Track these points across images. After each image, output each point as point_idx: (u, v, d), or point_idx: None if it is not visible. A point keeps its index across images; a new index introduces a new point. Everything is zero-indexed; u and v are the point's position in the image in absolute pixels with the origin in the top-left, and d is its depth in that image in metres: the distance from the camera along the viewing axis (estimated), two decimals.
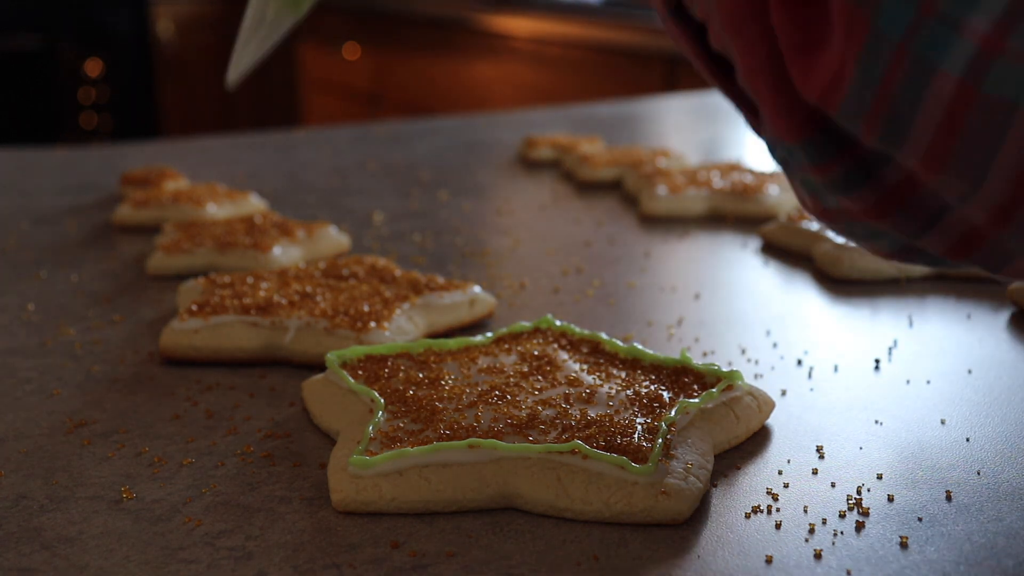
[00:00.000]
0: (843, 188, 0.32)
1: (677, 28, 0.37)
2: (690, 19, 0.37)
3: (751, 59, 0.33)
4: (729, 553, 0.38)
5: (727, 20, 0.33)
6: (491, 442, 0.42)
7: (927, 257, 0.34)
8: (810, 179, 0.33)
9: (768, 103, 0.33)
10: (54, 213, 0.89)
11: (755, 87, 0.33)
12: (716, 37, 0.35)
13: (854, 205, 0.32)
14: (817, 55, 0.30)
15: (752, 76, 0.33)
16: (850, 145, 0.31)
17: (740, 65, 0.33)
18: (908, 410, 0.49)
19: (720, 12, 0.33)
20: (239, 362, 0.56)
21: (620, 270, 0.72)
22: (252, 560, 0.38)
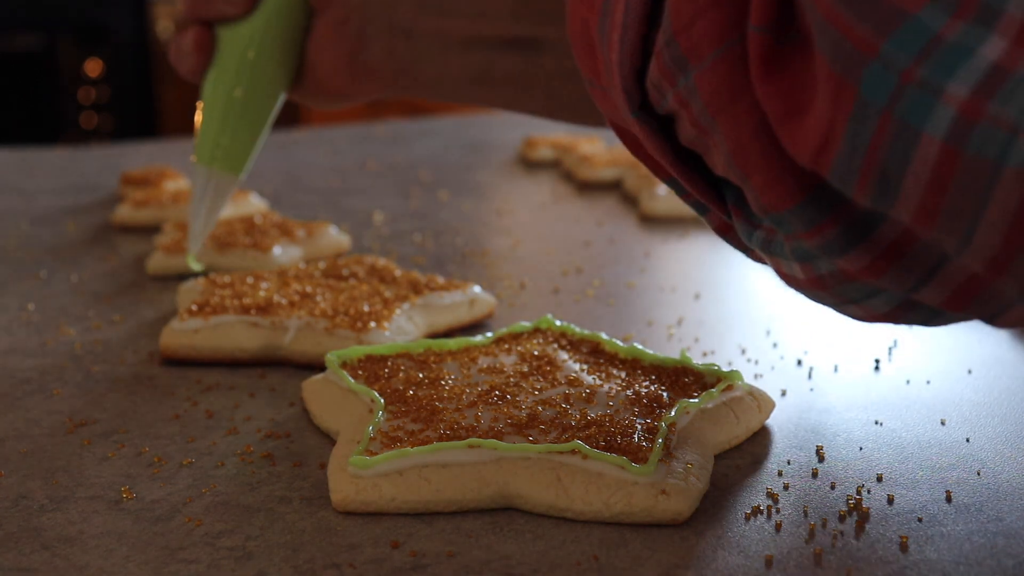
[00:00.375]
0: (839, 249, 0.32)
1: (643, 128, 0.37)
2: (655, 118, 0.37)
3: (740, 134, 0.33)
4: (729, 553, 0.38)
5: (710, 100, 0.33)
6: (491, 442, 0.42)
7: (924, 312, 0.34)
8: (803, 246, 0.34)
9: (759, 174, 0.33)
10: (54, 213, 0.89)
11: (743, 162, 0.33)
12: (693, 124, 0.35)
13: (851, 265, 0.33)
14: (803, 120, 0.31)
15: (741, 151, 0.33)
16: (843, 205, 0.32)
17: (727, 143, 0.34)
18: (908, 410, 0.49)
19: (702, 94, 0.34)
20: (239, 362, 0.56)
21: (620, 270, 0.72)
22: (252, 560, 0.38)
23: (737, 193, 0.37)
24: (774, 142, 0.32)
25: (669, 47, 0.34)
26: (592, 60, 0.39)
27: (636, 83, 0.37)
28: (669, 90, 0.35)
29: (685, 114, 0.35)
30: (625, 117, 0.38)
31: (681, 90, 0.35)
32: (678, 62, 0.34)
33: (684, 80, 0.34)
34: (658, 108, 0.37)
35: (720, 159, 0.35)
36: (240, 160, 0.59)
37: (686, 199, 0.41)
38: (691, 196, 0.40)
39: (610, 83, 0.38)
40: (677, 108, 0.35)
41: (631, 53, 0.36)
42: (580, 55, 0.39)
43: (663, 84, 0.35)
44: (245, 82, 0.57)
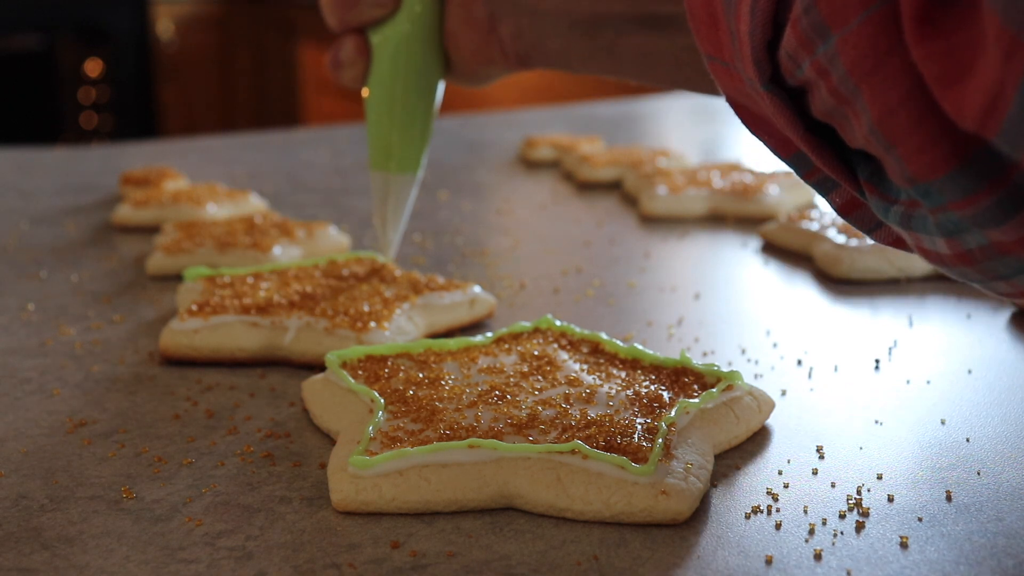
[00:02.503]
0: (994, 219, 0.31)
1: (774, 101, 0.36)
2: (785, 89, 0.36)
3: (887, 99, 0.32)
4: (729, 553, 0.38)
5: (854, 66, 0.32)
6: (491, 442, 0.42)
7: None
8: (952, 217, 0.32)
9: (907, 141, 0.32)
10: (54, 213, 0.89)
11: (890, 129, 0.32)
12: (832, 93, 0.34)
13: (1006, 236, 0.31)
14: (968, 81, 0.29)
15: (888, 117, 0.32)
16: (1001, 173, 0.30)
17: (872, 110, 0.32)
18: (908, 410, 0.49)
19: (844, 60, 0.32)
20: (239, 362, 0.56)
21: (620, 270, 0.72)
22: (252, 560, 0.38)
23: (872, 167, 0.36)
24: (926, 107, 0.31)
25: (808, 14, 0.33)
26: (714, 34, 0.38)
27: (767, 54, 0.36)
28: (806, 59, 0.34)
29: (823, 83, 0.34)
30: (752, 91, 0.37)
31: (820, 58, 0.33)
32: (818, 28, 0.33)
33: (824, 47, 0.33)
34: (790, 80, 0.36)
35: (861, 129, 0.34)
36: (415, 158, 0.61)
37: (809, 177, 0.40)
38: (815, 174, 0.39)
39: (734, 57, 0.37)
40: (814, 78, 0.34)
41: (763, 23, 0.35)
42: (700, 29, 0.39)
43: (799, 53, 0.34)
44: (404, 79, 0.59)
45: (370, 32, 0.59)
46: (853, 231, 0.71)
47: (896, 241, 0.40)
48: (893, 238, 0.40)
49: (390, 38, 0.58)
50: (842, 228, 0.72)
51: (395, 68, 0.59)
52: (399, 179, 0.61)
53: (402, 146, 0.60)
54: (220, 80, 3.54)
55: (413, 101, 0.60)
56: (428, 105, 0.60)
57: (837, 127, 0.35)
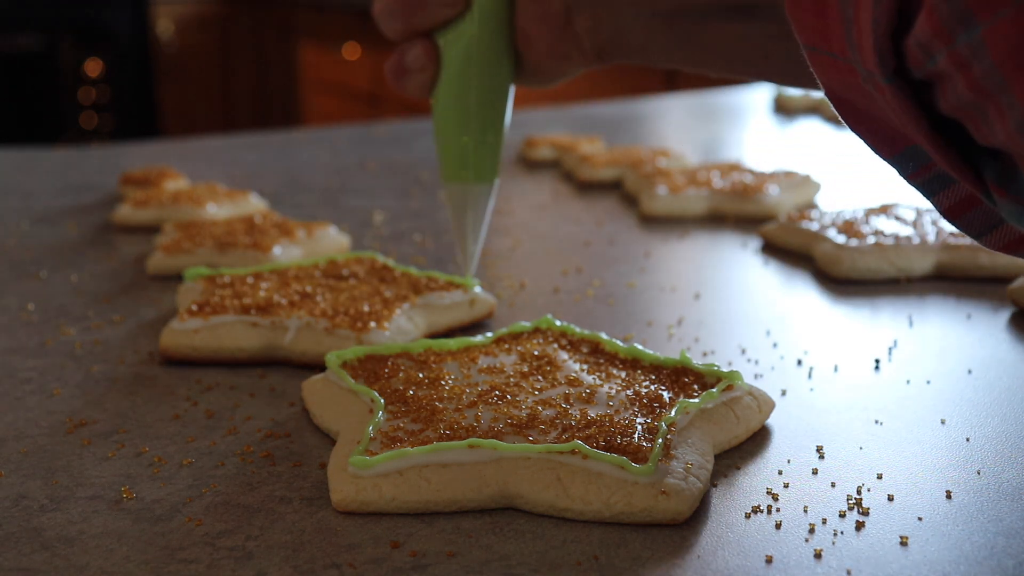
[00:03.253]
0: None
1: (898, 95, 0.34)
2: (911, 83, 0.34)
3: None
4: (729, 553, 0.38)
5: (1006, 57, 0.30)
6: (491, 442, 0.42)
7: None
8: None
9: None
10: (54, 213, 0.89)
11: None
12: (971, 87, 0.32)
13: None
14: None
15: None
16: None
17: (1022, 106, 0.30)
18: (908, 410, 0.49)
19: (993, 51, 0.30)
20: (239, 362, 0.56)
21: (620, 270, 0.72)
22: (252, 560, 0.38)
23: (1002, 168, 0.34)
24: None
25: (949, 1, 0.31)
26: (820, 22, 0.35)
27: (891, 44, 0.33)
28: (942, 50, 0.32)
29: (960, 77, 0.32)
30: (868, 84, 0.35)
31: (960, 49, 0.31)
32: (960, 16, 0.31)
33: (966, 37, 0.31)
34: (916, 72, 0.33)
35: (1005, 126, 0.31)
36: (492, 165, 0.56)
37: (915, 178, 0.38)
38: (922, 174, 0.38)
39: (848, 47, 0.35)
40: (949, 70, 0.32)
41: (888, 10, 0.33)
42: (802, 18, 0.36)
43: (934, 43, 0.32)
44: (477, 83, 0.55)
45: (438, 34, 0.54)
46: (853, 231, 0.71)
47: (1010, 245, 0.38)
48: (1005, 243, 0.38)
49: (460, 40, 0.54)
50: (842, 228, 0.72)
51: (467, 72, 0.54)
52: (477, 189, 0.56)
53: (478, 154, 0.56)
54: (220, 80, 3.54)
55: (488, 104, 0.55)
56: (502, 108, 0.56)
57: (969, 124, 0.33)
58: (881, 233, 0.71)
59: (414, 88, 0.56)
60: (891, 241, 0.69)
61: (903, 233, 0.70)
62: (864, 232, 0.71)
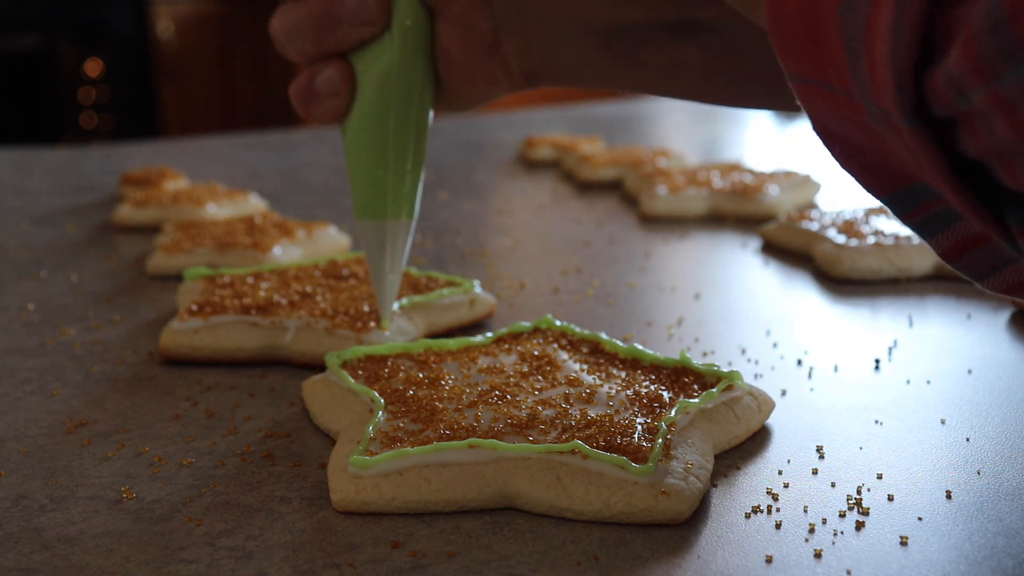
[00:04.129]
0: None
1: (917, 135, 0.31)
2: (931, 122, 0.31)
3: None
4: (729, 553, 0.38)
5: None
6: (491, 442, 0.42)
7: None
8: None
9: None
10: (54, 213, 0.89)
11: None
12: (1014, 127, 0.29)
13: None
14: None
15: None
16: None
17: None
18: (908, 410, 0.49)
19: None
20: (239, 362, 0.56)
21: (620, 270, 0.72)
22: (252, 560, 0.38)
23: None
24: None
25: (996, 33, 0.27)
26: (815, 51, 0.32)
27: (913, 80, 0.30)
28: (979, 88, 0.28)
29: (1002, 117, 0.29)
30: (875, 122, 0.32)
31: (1005, 87, 0.28)
32: (1008, 52, 0.27)
33: (1014, 75, 0.28)
34: (941, 110, 0.30)
35: None
36: (411, 199, 0.51)
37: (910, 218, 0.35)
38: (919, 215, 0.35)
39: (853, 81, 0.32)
40: (987, 110, 0.29)
41: (910, 42, 0.29)
42: (792, 45, 0.33)
43: (970, 80, 0.29)
44: (396, 110, 0.50)
45: (352, 57, 0.49)
46: (853, 231, 0.71)
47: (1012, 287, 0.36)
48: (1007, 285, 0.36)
49: (378, 63, 0.49)
50: (842, 228, 0.72)
51: (385, 98, 0.49)
52: (395, 226, 0.51)
53: (396, 188, 0.51)
54: (220, 80, 3.54)
55: (408, 133, 0.50)
56: (423, 136, 0.51)
57: (1000, 167, 0.30)
58: (881, 233, 0.71)
59: (325, 114, 0.50)
60: (891, 241, 0.69)
61: (903, 233, 0.70)
62: (864, 232, 0.71)
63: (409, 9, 0.49)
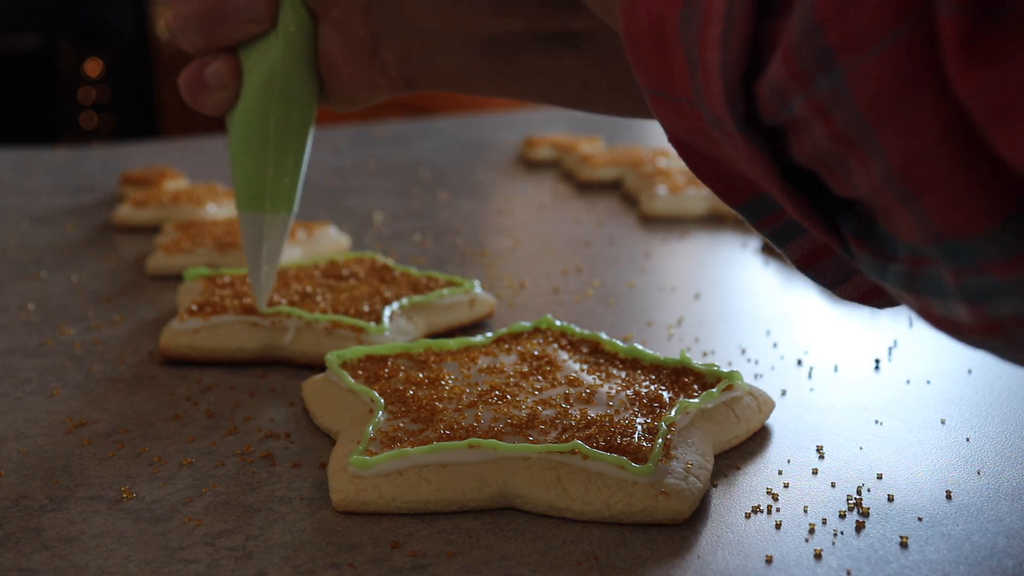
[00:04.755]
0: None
1: (748, 144, 0.31)
2: (762, 130, 0.31)
3: (916, 141, 0.27)
4: (729, 553, 0.38)
5: (873, 103, 0.27)
6: (491, 442, 0.42)
7: None
8: (986, 282, 0.27)
9: (939, 191, 0.27)
10: (54, 213, 0.89)
11: (916, 177, 0.27)
12: (832, 136, 0.29)
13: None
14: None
15: (915, 163, 0.27)
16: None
17: (892, 155, 0.27)
18: (908, 410, 0.49)
19: (859, 96, 0.27)
20: (239, 362, 0.56)
21: (620, 270, 0.72)
22: (252, 560, 0.38)
23: (860, 221, 0.32)
24: (964, 151, 0.26)
25: (809, 40, 0.28)
26: (662, 64, 0.33)
27: (742, 89, 0.31)
28: (799, 95, 0.29)
29: (820, 124, 0.29)
30: (715, 131, 0.32)
31: (820, 93, 0.28)
32: (821, 57, 0.28)
33: (828, 80, 0.28)
34: (769, 119, 0.31)
35: (871, 177, 0.29)
36: (290, 195, 0.53)
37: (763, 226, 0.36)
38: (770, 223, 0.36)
39: (693, 91, 0.32)
40: (807, 117, 0.29)
41: (738, 52, 0.30)
42: (643, 58, 0.33)
43: (791, 88, 0.29)
44: (281, 103, 0.51)
45: (240, 51, 0.51)
46: None
47: (862, 297, 0.37)
48: (859, 293, 0.37)
49: (263, 60, 0.50)
50: None
51: (269, 95, 0.51)
52: (274, 220, 0.53)
53: (277, 182, 0.52)
54: None
55: (290, 130, 0.52)
56: (304, 135, 0.52)
57: (825, 175, 0.31)
58: None
59: (211, 106, 0.52)
60: None
61: None
62: None
63: (294, 11, 0.50)
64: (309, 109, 0.52)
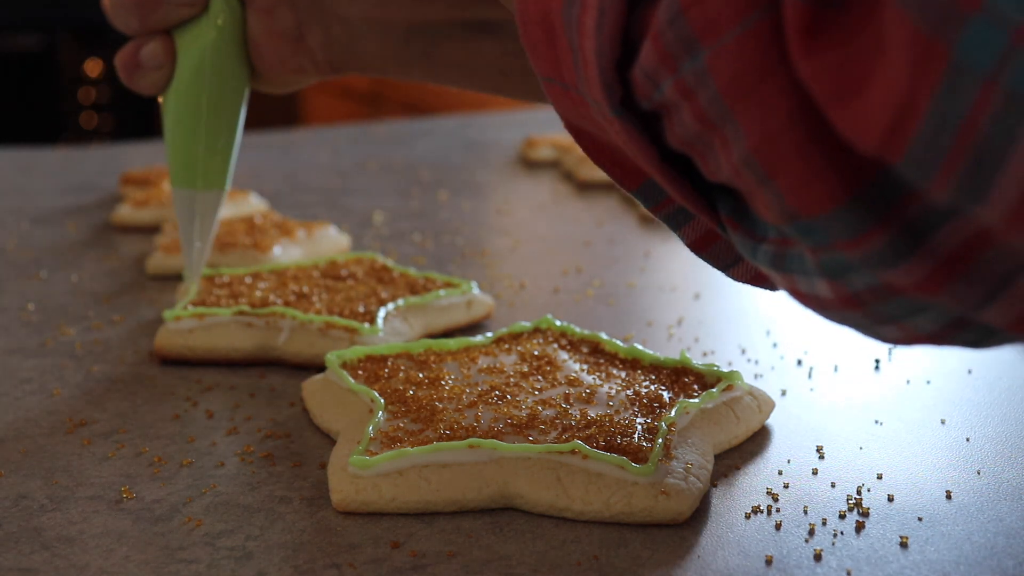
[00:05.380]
0: (889, 259, 0.27)
1: (625, 127, 0.33)
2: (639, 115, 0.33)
3: (767, 124, 0.28)
4: (729, 553, 0.38)
5: (729, 85, 0.28)
6: (491, 442, 0.42)
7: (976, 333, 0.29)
8: (839, 258, 0.28)
9: (790, 172, 0.28)
10: (54, 213, 0.89)
11: (769, 158, 0.28)
12: (697, 118, 0.30)
13: (903, 278, 0.27)
14: (867, 95, 0.25)
15: (767, 145, 0.28)
16: (897, 207, 0.27)
17: (748, 137, 0.29)
18: (908, 410, 0.49)
19: (717, 79, 0.29)
20: (234, 362, 0.56)
21: (620, 270, 0.72)
22: (252, 560, 0.38)
23: (734, 203, 0.33)
24: (812, 132, 0.28)
25: (674, 25, 0.29)
26: (552, 53, 0.34)
27: (616, 75, 0.32)
28: (667, 78, 0.30)
29: (686, 107, 0.30)
30: (599, 116, 0.34)
31: (685, 76, 0.30)
32: (685, 42, 0.29)
33: (691, 64, 0.29)
34: (644, 103, 0.32)
35: (730, 159, 0.30)
36: (220, 173, 0.55)
37: (658, 211, 0.37)
38: (664, 208, 0.37)
39: (577, 78, 0.34)
40: (675, 100, 0.31)
41: (611, 39, 0.32)
42: (536, 48, 0.35)
43: (660, 71, 0.30)
44: (212, 84, 0.53)
45: (175, 33, 0.53)
46: None
47: (754, 279, 0.37)
48: (751, 275, 0.37)
49: (196, 41, 0.53)
50: None
51: (202, 73, 0.53)
52: (205, 196, 0.55)
53: (209, 160, 0.55)
54: None
55: (222, 110, 0.54)
56: (237, 113, 0.55)
57: (696, 157, 0.32)
58: None
59: (147, 86, 0.54)
60: None
61: None
62: None
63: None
64: (240, 91, 0.55)
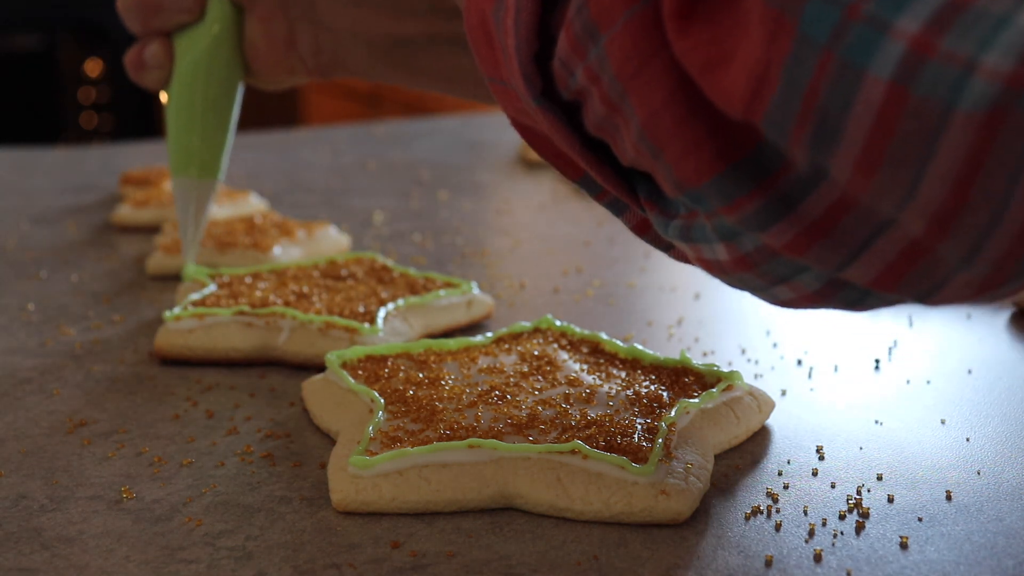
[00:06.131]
0: (761, 223, 0.31)
1: (548, 116, 0.35)
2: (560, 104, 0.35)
3: (652, 101, 0.31)
4: (729, 553, 0.38)
5: (621, 67, 0.31)
6: (491, 442, 0.42)
7: (852, 294, 0.32)
8: (724, 223, 0.32)
9: (673, 145, 0.31)
10: (54, 213, 0.89)
11: (656, 133, 0.31)
12: (603, 100, 0.33)
13: (774, 240, 0.31)
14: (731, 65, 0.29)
15: (653, 120, 0.31)
16: (767, 177, 0.30)
17: (639, 113, 0.31)
18: (908, 410, 0.49)
19: (613, 62, 0.31)
20: (233, 362, 0.56)
21: (620, 270, 0.72)
22: (252, 560, 0.38)
23: (650, 185, 0.35)
24: (691, 107, 0.31)
25: (580, 15, 0.32)
26: (490, 53, 0.37)
27: (536, 67, 0.35)
28: (579, 65, 0.33)
29: (595, 91, 0.33)
30: (528, 108, 0.36)
31: (592, 62, 0.32)
32: (589, 30, 0.32)
33: (595, 50, 0.32)
34: (565, 92, 0.34)
35: (630, 138, 0.33)
36: (216, 163, 0.61)
37: (601, 199, 0.39)
38: (606, 195, 0.38)
39: (509, 74, 0.36)
40: (587, 85, 0.33)
41: (527, 34, 0.34)
42: (479, 51, 0.37)
43: (573, 59, 0.33)
44: (207, 84, 0.59)
45: (174, 36, 0.60)
46: None
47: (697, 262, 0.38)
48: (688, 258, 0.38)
49: (194, 44, 0.59)
50: None
51: (197, 74, 0.59)
52: (201, 184, 0.61)
53: (204, 152, 0.61)
54: None
55: (215, 107, 0.60)
56: (229, 110, 0.61)
57: (610, 141, 0.34)
58: None
59: (150, 82, 0.61)
60: None
61: None
62: None
63: (220, 5, 0.58)
64: (232, 90, 0.60)
